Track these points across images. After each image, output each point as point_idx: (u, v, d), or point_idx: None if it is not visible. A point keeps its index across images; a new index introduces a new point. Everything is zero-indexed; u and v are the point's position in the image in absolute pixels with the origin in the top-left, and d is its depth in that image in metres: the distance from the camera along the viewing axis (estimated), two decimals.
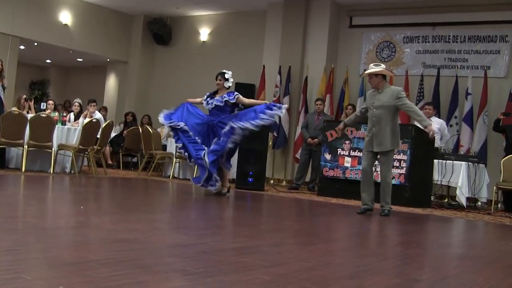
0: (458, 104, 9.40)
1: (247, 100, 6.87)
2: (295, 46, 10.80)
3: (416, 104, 9.65)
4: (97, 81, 15.21)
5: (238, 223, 5.02)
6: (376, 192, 6.02)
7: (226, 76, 6.80)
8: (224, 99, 6.70)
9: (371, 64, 6.17)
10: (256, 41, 11.62)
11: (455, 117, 9.39)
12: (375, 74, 5.95)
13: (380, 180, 6.04)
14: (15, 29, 11.25)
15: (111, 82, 14.11)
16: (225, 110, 6.72)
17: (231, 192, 7.46)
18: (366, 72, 6.12)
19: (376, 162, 6.21)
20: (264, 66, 10.98)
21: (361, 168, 6.33)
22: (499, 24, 9.47)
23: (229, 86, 6.88)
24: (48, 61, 16.28)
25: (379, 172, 6.24)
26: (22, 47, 12.43)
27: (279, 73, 10.72)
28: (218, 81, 6.82)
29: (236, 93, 6.80)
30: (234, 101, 6.69)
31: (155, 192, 7.46)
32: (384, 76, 6.00)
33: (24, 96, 9.70)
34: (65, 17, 12.17)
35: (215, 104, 6.73)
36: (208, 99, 6.85)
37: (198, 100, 7.03)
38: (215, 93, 6.88)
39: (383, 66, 6.12)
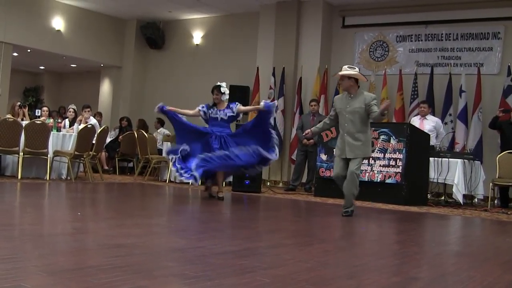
0: (452, 102, 9.42)
1: (244, 108, 7.10)
2: (288, 48, 10.82)
3: (411, 103, 9.71)
4: (91, 87, 15.19)
5: (236, 226, 5.02)
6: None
7: (222, 90, 6.82)
8: (228, 114, 6.77)
9: (345, 66, 5.88)
10: (249, 43, 11.62)
11: (450, 114, 9.41)
12: (348, 77, 5.73)
13: (347, 176, 5.72)
14: (8, 36, 11.22)
15: (105, 87, 14.09)
16: (227, 122, 6.83)
17: (228, 195, 7.46)
18: (339, 73, 5.81)
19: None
20: (258, 68, 10.99)
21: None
22: (491, 21, 9.50)
23: (226, 99, 6.94)
24: (42, 67, 16.24)
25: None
26: (15, 54, 12.39)
27: (273, 74, 10.73)
28: (215, 96, 6.84)
29: (236, 104, 6.88)
30: (235, 113, 6.81)
31: (152, 196, 7.45)
32: (356, 81, 5.77)
33: (18, 103, 9.68)
34: (58, 23, 12.15)
35: (221, 117, 6.76)
36: (211, 110, 6.80)
37: (190, 112, 6.93)
38: (215, 105, 6.87)
39: (357, 69, 5.88)
